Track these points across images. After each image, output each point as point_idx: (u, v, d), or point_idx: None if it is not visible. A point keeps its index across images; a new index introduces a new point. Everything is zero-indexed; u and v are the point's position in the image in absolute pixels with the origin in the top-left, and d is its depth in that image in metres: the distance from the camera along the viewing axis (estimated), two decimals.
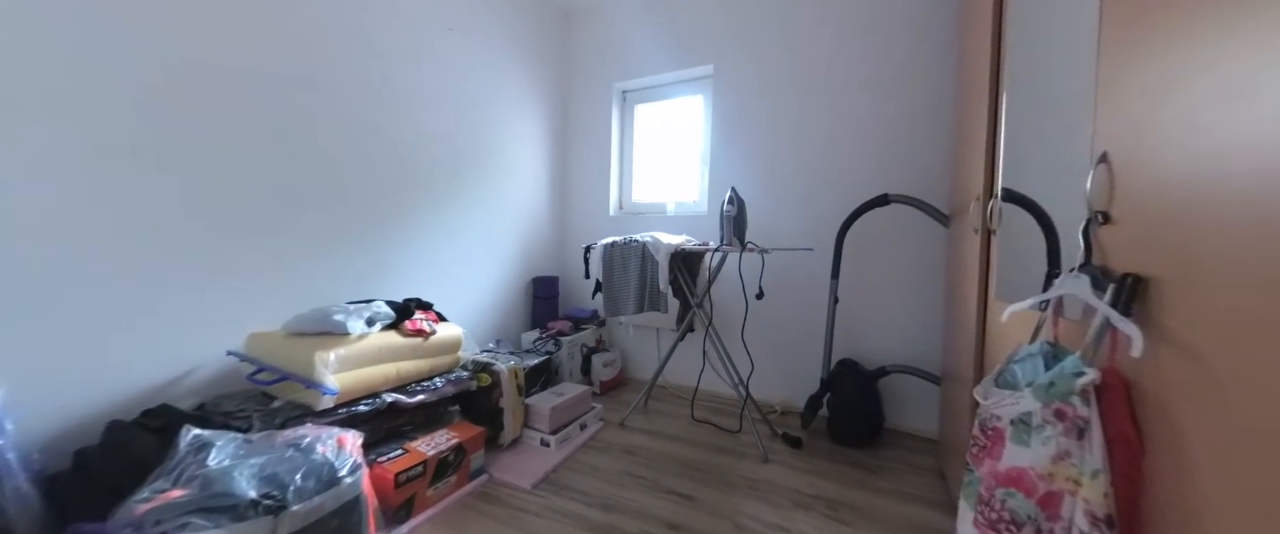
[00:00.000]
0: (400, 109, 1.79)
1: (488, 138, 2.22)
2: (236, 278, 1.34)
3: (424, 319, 1.48)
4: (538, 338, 2.20)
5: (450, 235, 2.04)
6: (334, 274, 1.58)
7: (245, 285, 1.36)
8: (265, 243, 1.40)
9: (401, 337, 1.39)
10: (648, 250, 1.82)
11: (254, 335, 1.28)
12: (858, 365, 1.83)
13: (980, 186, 1.15)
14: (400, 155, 1.80)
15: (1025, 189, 1.00)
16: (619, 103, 2.65)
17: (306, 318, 1.27)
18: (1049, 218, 0.97)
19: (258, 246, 1.38)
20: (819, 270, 1.99)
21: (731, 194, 1.76)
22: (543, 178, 2.62)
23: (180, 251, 1.23)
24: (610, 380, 2.34)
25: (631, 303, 1.84)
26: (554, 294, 2.56)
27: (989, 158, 1.12)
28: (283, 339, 1.25)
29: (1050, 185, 0.92)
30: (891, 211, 1.82)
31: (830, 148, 2.00)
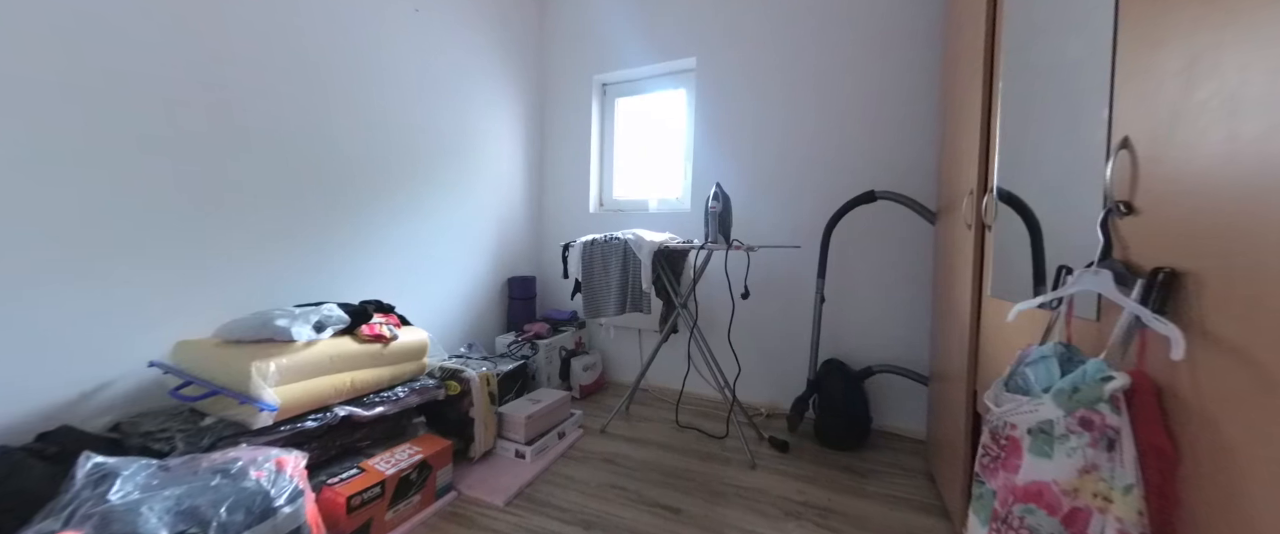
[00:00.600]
0: (360, 95, 1.64)
1: (459, 129, 2.08)
2: (162, 279, 1.18)
3: (384, 324, 1.35)
4: (513, 341, 2.08)
5: (416, 233, 1.90)
6: (282, 275, 1.43)
7: (174, 288, 1.20)
8: (198, 240, 1.24)
9: (357, 343, 1.26)
10: (629, 248, 1.73)
11: (182, 344, 1.12)
12: (844, 366, 1.80)
13: (973, 181, 1.11)
14: (360, 146, 1.65)
15: (1023, 182, 0.96)
16: (599, 96, 2.56)
17: (244, 323, 1.12)
18: (1033, 214, 0.94)
19: (189, 244, 1.22)
20: (804, 269, 1.95)
21: (716, 190, 1.69)
22: (519, 172, 2.49)
23: (91, 249, 1.06)
24: (591, 385, 2.24)
25: (613, 304, 1.75)
26: (531, 295, 2.44)
27: (983, 151, 1.08)
28: (215, 348, 1.10)
29: (1052, 177, 0.88)
30: (877, 209, 1.79)
31: (816, 143, 1.96)
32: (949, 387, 1.32)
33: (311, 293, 1.48)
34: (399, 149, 1.80)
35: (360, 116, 1.64)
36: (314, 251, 1.52)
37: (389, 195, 1.77)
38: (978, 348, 1.12)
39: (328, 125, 1.54)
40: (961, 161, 1.24)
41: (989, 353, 1.06)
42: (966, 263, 1.15)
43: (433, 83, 1.94)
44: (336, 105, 1.57)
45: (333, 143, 1.56)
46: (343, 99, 1.59)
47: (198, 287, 1.24)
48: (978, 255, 1.11)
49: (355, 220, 1.65)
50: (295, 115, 1.45)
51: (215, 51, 1.26)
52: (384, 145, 1.74)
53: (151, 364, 1.11)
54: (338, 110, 1.57)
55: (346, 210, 1.62)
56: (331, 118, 1.56)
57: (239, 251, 1.33)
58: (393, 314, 1.44)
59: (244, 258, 1.34)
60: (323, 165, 1.54)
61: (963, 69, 1.26)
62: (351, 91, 1.61)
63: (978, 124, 1.10)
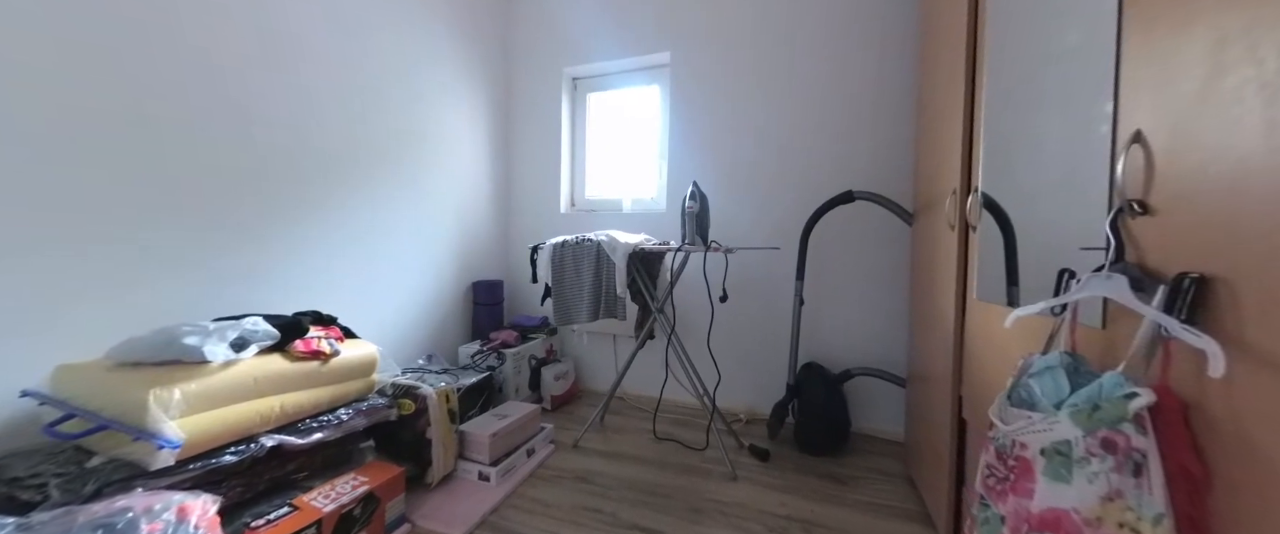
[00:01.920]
0: (293, 79, 1.46)
1: (415, 122, 1.92)
2: (41, 289, 0.98)
3: (322, 338, 1.19)
4: (478, 352, 1.93)
5: (366, 235, 1.73)
6: (200, 285, 1.24)
7: (56, 299, 1.00)
8: (90, 243, 1.05)
9: (289, 361, 1.10)
10: (603, 250, 1.63)
11: (64, 368, 0.93)
12: (823, 369, 1.76)
13: (956, 180, 1.08)
14: (294, 136, 1.47)
15: (1010, 181, 0.93)
16: (569, 90, 2.44)
17: (145, 342, 0.94)
18: (1006, 214, 0.92)
19: (77, 248, 1.03)
20: (782, 271, 1.91)
21: (693, 189, 1.62)
22: (483, 169, 2.34)
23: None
24: (563, 395, 2.12)
25: (585, 309, 1.65)
26: (498, 300, 2.30)
27: (966, 148, 1.05)
28: (107, 372, 0.92)
29: (1038, 175, 0.85)
30: (855, 209, 1.76)
31: (793, 142, 1.92)
32: (930, 390, 1.30)
33: (237, 304, 1.30)
34: (342, 141, 1.62)
35: (294, 103, 1.47)
36: (241, 256, 1.33)
37: (331, 193, 1.59)
38: (962, 352, 1.08)
39: (255, 112, 1.36)
40: (942, 160, 1.22)
41: (975, 357, 1.03)
42: (950, 264, 1.12)
43: (386, 72, 1.77)
44: (266, 89, 1.39)
45: (263, 132, 1.38)
46: (273, 83, 1.41)
47: (87, 298, 1.05)
48: (961, 257, 1.08)
49: (292, 221, 1.47)
50: (214, 101, 1.27)
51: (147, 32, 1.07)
52: (324, 137, 1.56)
53: (24, 393, 0.91)
54: (268, 95, 1.39)
55: (281, 210, 1.44)
56: (260, 104, 1.37)
57: (144, 257, 1.14)
58: (335, 327, 1.28)
59: (150, 264, 1.15)
60: (250, 159, 1.35)
61: (942, 63, 1.24)
62: (283, 74, 1.43)
63: (960, 120, 1.06)
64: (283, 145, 1.44)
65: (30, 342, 0.97)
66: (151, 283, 1.15)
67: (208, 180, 1.26)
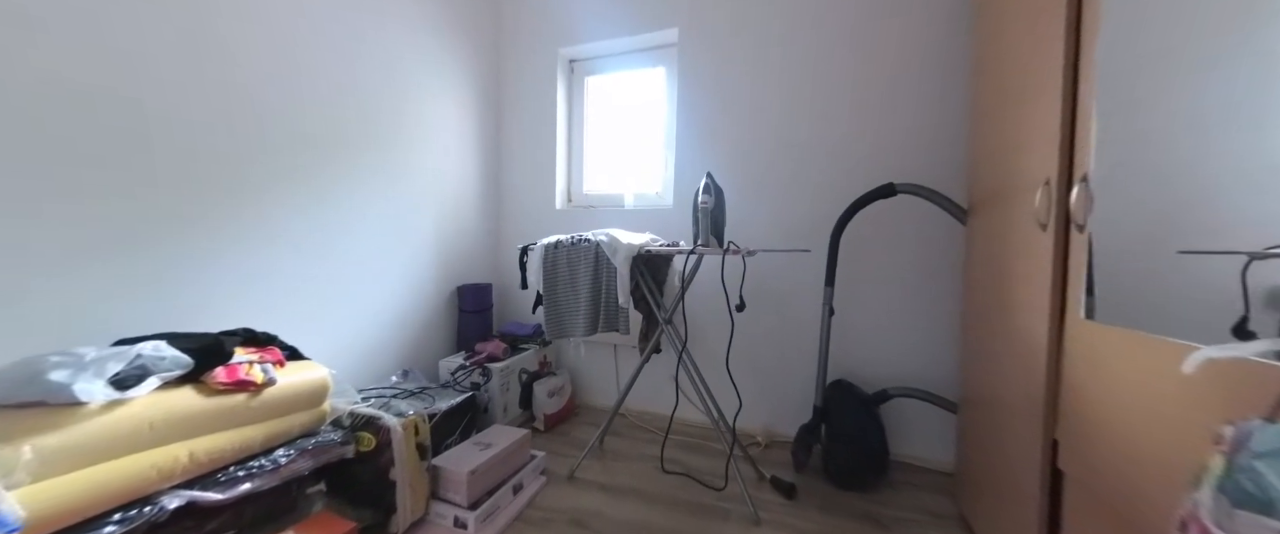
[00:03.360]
0: (232, 52, 1.23)
1: (386, 104, 1.68)
2: None
3: (254, 363, 0.96)
4: (460, 367, 1.70)
5: (325, 234, 1.49)
6: (103, 298, 1.01)
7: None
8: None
9: (203, 395, 0.87)
10: (602, 252, 1.40)
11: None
12: (855, 389, 1.54)
13: (1051, 167, 0.85)
14: (226, 118, 1.24)
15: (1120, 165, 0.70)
16: (566, 73, 2.20)
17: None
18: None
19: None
20: (803, 276, 1.68)
21: (707, 182, 1.39)
22: (470, 161, 2.11)
23: None
24: (558, 413, 1.90)
25: (582, 321, 1.42)
26: (486, 306, 2.07)
27: (1067, 126, 0.82)
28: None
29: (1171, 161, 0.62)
30: (892, 206, 1.53)
31: (820, 130, 1.69)
32: (998, 421, 1.07)
33: (147, 321, 1.06)
34: (291, 122, 1.39)
35: (235, 80, 1.23)
36: (161, 262, 1.10)
37: (277, 184, 1.36)
38: (1058, 384, 0.86)
39: (183, 91, 1.13)
40: (1022, 143, 0.99)
41: (1079, 393, 0.80)
42: (1039, 274, 0.89)
43: (355, 48, 1.53)
44: (200, 65, 1.15)
45: (193, 113, 1.15)
46: (207, 57, 1.17)
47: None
48: (1059, 264, 0.85)
49: (227, 220, 1.24)
50: (131, 73, 1.03)
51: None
52: (281, 126, 1.33)
53: None
54: (202, 71, 1.16)
55: (215, 206, 1.21)
56: (193, 80, 1.14)
57: (18, 260, 0.90)
58: (273, 347, 1.05)
59: (28, 268, 0.92)
60: (174, 145, 1.12)
61: (1017, 20, 1.01)
62: (221, 46, 1.20)
63: (1055, 91, 0.84)
64: (226, 131, 1.21)
65: None
66: (29, 293, 0.92)
67: (108, 162, 1.03)
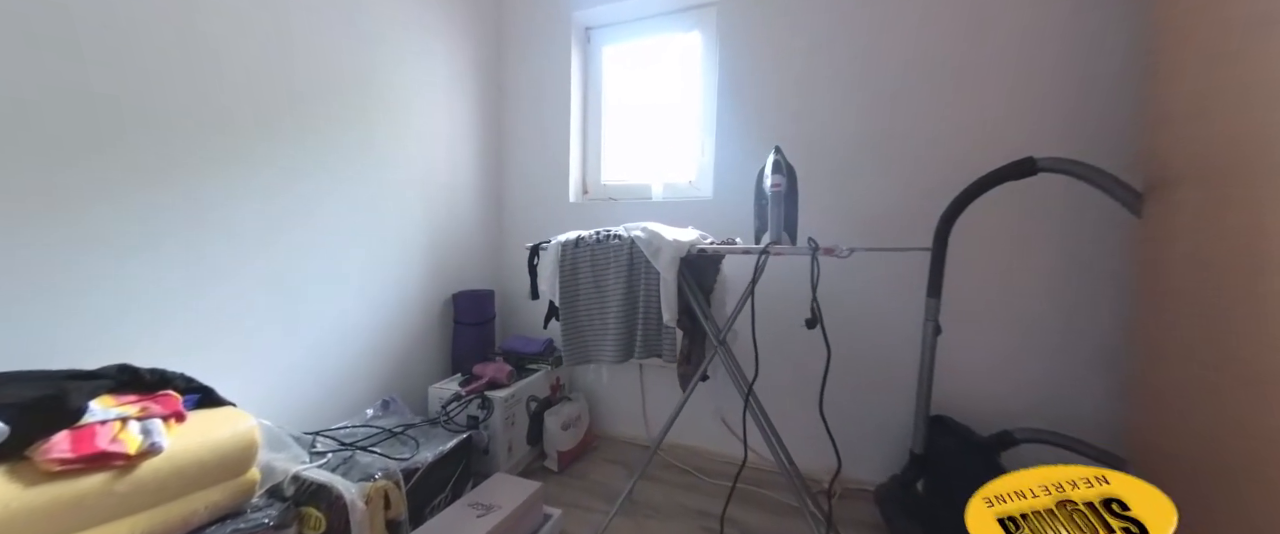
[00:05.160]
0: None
1: (358, 72, 1.35)
2: None
3: (128, 419, 0.63)
4: (453, 400, 1.36)
5: (279, 230, 1.16)
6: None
7: None
8: None
9: (23, 484, 0.53)
10: (638, 253, 1.07)
11: None
12: (965, 430, 1.19)
13: None
14: (150, 78, 0.91)
15: None
16: (581, 43, 1.87)
17: None
18: None
19: None
20: (883, 282, 1.34)
21: (777, 159, 1.05)
22: (468, 147, 1.78)
23: None
24: (573, 449, 1.56)
25: (611, 344, 1.08)
26: (487, 317, 1.73)
27: None
28: None
29: None
30: (1011, 195, 1.18)
31: (916, 97, 1.34)
32: (1229, 490, 0.73)
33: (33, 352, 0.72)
34: (256, 97, 1.06)
35: (162, 35, 0.90)
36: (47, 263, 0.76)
37: (223, 165, 1.03)
38: None
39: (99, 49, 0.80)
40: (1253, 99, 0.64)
41: None
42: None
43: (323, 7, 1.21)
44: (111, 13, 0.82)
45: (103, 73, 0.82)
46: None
47: None
48: None
49: (141, 207, 0.90)
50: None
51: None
52: (209, 81, 1.00)
53: None
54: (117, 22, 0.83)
55: (126, 188, 0.87)
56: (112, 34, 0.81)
57: None
58: (167, 391, 0.71)
59: None
60: (68, 111, 0.79)
61: None
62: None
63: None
64: (147, 94, 0.88)
65: None
66: None
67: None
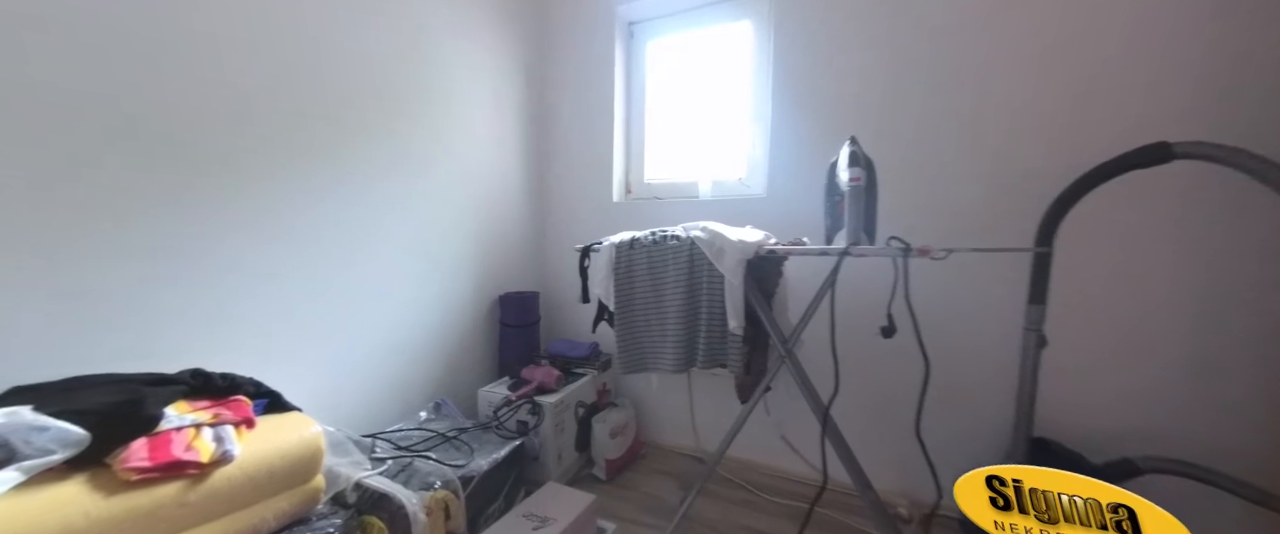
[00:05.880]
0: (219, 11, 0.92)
1: (413, 82, 1.36)
2: None
3: (202, 426, 0.62)
4: (504, 405, 1.34)
5: (342, 236, 1.17)
6: (45, 323, 0.70)
7: None
8: None
9: (104, 493, 0.53)
10: (699, 255, 1.00)
11: None
12: (1074, 455, 1.05)
13: None
14: (228, 98, 0.93)
15: None
16: (624, 39, 1.82)
17: None
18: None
19: None
20: (964, 284, 1.20)
21: (854, 150, 0.95)
22: (512, 146, 1.77)
23: None
24: (621, 457, 1.51)
25: (670, 351, 1.02)
26: (532, 319, 1.71)
27: None
28: None
29: None
30: (1132, 178, 1.02)
31: (1003, 65, 1.20)
32: None
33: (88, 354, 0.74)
34: (291, 101, 1.07)
35: (208, 42, 0.92)
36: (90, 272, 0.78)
37: (275, 177, 1.04)
38: None
39: (162, 62, 0.82)
40: None
41: None
42: None
43: (367, 14, 1.22)
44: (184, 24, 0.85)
45: (170, 87, 0.84)
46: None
47: None
48: None
49: (202, 217, 0.92)
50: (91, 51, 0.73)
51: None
52: (257, 94, 1.02)
53: None
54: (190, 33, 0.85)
55: (191, 203, 0.89)
56: (179, 48, 0.83)
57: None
58: (238, 396, 0.71)
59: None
60: (136, 126, 0.81)
61: None
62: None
63: None
64: (226, 115, 0.90)
65: None
66: None
67: (46, 159, 0.72)
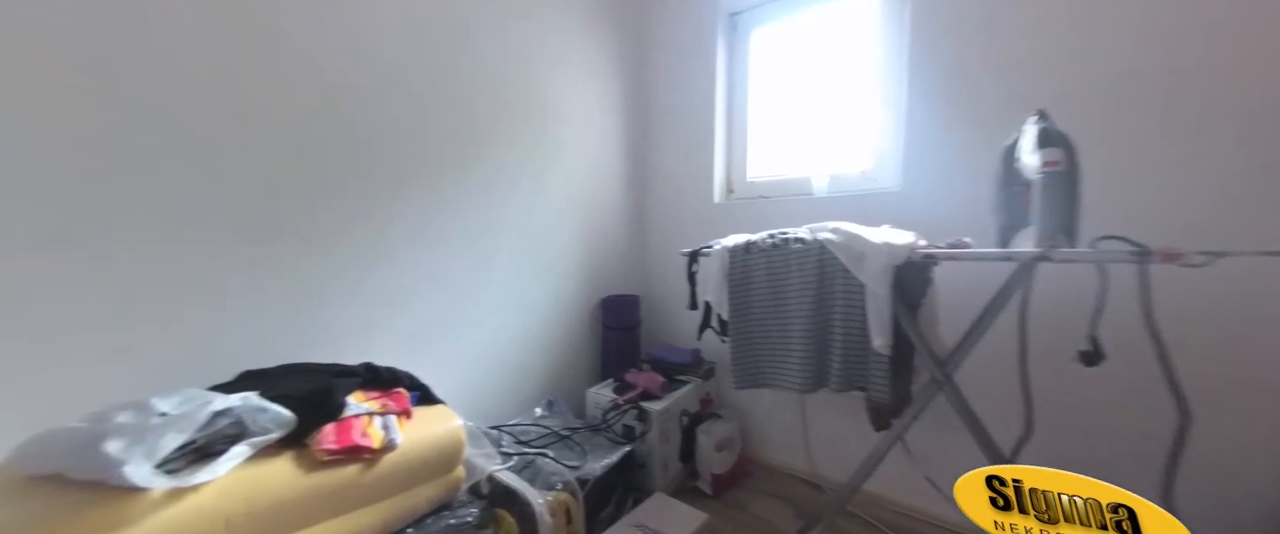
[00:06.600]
0: (370, 42, 1.06)
1: (522, 88, 1.44)
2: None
3: (374, 415, 0.70)
4: (612, 408, 1.34)
5: (463, 238, 1.28)
6: (231, 313, 0.87)
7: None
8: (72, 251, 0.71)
9: (303, 469, 0.61)
10: (831, 258, 0.87)
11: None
12: None
13: None
14: (393, 131, 1.07)
15: None
16: (726, 30, 1.73)
17: (63, 442, 0.53)
18: None
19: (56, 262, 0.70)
20: (1216, 298, 0.88)
21: (1044, 127, 0.75)
22: (614, 149, 1.79)
23: None
24: (728, 473, 1.42)
25: (796, 368, 0.91)
26: (633, 323, 1.71)
27: None
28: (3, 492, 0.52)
29: None
30: None
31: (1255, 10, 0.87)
32: None
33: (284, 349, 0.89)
34: (431, 115, 1.19)
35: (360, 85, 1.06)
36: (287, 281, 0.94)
37: (410, 185, 1.16)
38: None
39: (307, 90, 0.97)
40: None
41: None
42: None
43: (485, 34, 1.31)
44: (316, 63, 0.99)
45: (315, 122, 0.99)
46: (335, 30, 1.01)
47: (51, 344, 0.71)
48: None
49: (353, 229, 1.06)
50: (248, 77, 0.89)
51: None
52: (408, 112, 1.14)
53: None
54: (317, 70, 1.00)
55: (353, 210, 1.04)
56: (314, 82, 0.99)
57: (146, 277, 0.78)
58: (399, 390, 0.79)
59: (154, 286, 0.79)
60: (323, 149, 0.97)
61: None
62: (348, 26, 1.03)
63: None
64: (363, 137, 1.04)
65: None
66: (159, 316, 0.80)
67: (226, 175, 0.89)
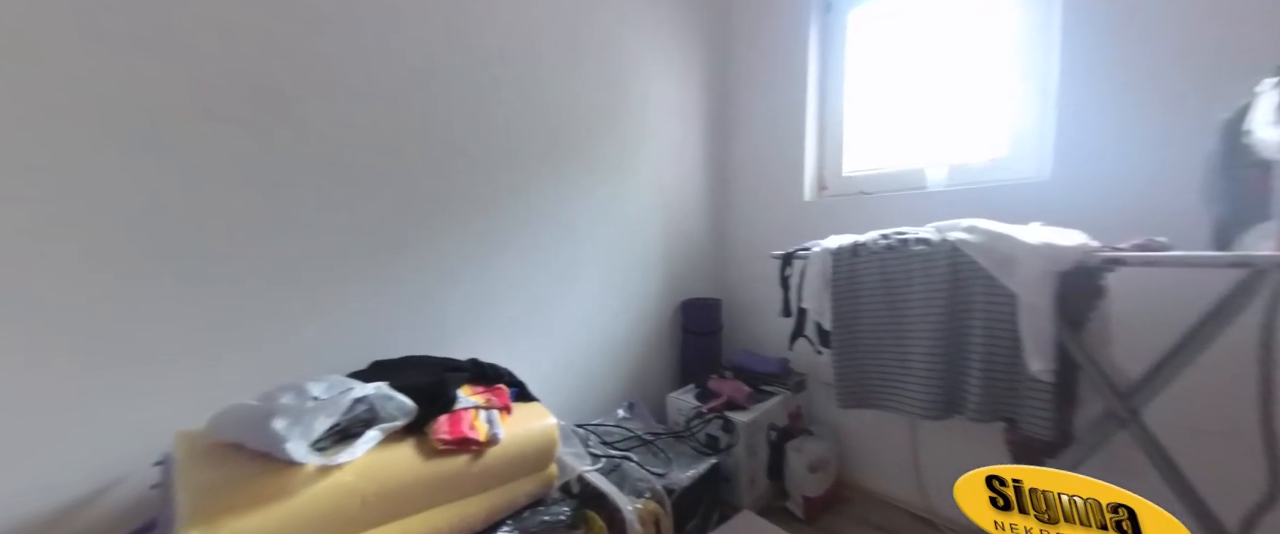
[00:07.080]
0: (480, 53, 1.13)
1: (613, 99, 1.45)
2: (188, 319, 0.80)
3: (480, 409, 0.73)
4: (695, 416, 1.30)
5: (554, 242, 1.32)
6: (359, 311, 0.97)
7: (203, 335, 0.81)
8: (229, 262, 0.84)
9: (423, 457, 0.66)
10: (966, 262, 0.74)
11: (181, 437, 0.69)
12: None
13: None
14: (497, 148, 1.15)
15: None
16: (819, 14, 1.60)
17: (243, 416, 0.63)
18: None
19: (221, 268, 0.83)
20: None
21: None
22: (695, 146, 1.73)
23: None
24: (821, 497, 1.30)
25: (917, 389, 0.78)
26: (714, 328, 1.65)
27: None
28: (200, 456, 0.63)
29: None
30: None
31: None
32: None
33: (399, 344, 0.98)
34: (528, 124, 1.24)
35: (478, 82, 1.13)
36: (407, 280, 1.03)
37: (518, 190, 1.22)
38: None
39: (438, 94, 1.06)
40: None
41: None
42: None
43: (574, 30, 1.34)
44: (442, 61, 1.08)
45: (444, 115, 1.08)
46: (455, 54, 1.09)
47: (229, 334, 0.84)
48: None
49: (465, 227, 1.14)
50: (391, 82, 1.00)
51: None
52: (510, 120, 1.20)
53: (158, 463, 0.71)
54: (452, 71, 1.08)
55: (457, 216, 1.12)
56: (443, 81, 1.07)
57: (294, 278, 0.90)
58: (500, 386, 0.82)
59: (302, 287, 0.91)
60: (427, 152, 1.06)
61: None
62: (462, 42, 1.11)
63: None
64: (475, 134, 1.13)
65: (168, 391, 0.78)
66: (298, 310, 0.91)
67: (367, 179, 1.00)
